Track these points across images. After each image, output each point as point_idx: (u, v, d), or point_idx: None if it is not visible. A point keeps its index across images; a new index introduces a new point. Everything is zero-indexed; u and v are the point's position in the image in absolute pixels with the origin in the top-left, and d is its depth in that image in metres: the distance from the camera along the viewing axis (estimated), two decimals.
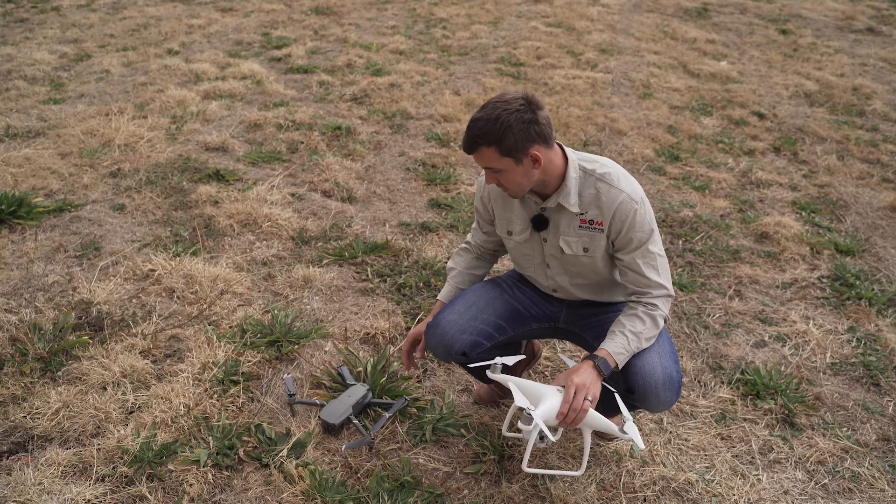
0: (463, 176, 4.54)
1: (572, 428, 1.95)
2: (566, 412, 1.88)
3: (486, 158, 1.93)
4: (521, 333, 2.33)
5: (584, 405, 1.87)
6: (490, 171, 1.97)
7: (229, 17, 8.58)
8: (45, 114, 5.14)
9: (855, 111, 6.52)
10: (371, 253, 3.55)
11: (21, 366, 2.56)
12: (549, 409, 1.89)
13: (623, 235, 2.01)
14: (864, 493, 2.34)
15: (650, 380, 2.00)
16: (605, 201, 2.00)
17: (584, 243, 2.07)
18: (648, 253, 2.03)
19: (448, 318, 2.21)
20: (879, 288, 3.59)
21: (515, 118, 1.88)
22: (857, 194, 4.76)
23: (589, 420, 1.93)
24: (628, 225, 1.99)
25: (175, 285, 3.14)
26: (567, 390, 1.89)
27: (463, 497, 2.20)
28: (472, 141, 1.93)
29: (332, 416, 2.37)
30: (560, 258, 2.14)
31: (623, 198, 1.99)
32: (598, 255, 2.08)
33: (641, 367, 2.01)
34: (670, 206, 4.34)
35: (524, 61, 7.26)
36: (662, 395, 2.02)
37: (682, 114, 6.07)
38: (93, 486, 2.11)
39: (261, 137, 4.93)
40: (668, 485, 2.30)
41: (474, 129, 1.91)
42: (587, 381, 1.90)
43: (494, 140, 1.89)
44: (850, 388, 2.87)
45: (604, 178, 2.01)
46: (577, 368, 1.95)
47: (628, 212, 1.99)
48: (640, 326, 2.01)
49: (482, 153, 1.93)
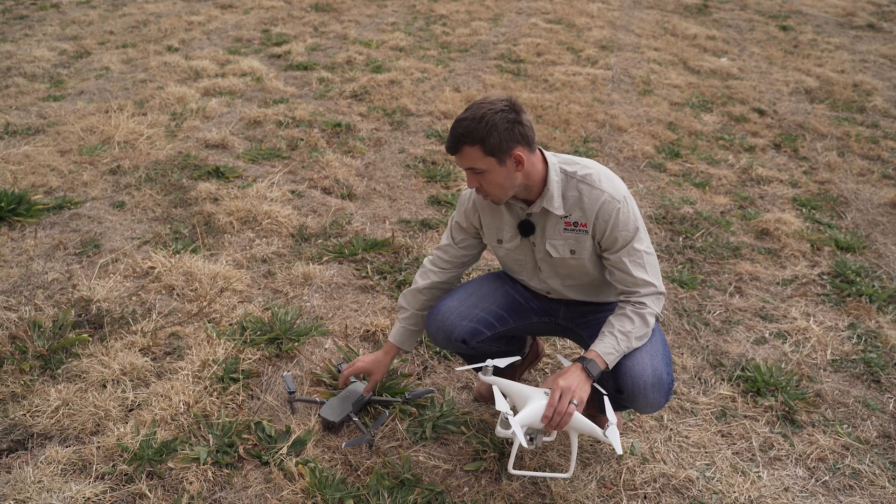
0: (463, 173, 4.54)
1: (558, 431, 1.95)
2: (551, 415, 1.88)
3: (470, 158, 1.93)
4: (523, 326, 2.33)
5: (568, 409, 1.87)
6: (472, 172, 1.96)
7: (229, 14, 8.56)
8: (44, 111, 5.14)
9: (855, 108, 6.51)
10: (371, 250, 3.55)
11: (21, 363, 2.55)
12: (533, 413, 1.90)
13: (608, 235, 2.01)
14: (864, 490, 2.33)
15: (639, 381, 2.00)
16: (588, 202, 2.00)
17: (570, 245, 2.07)
18: (635, 251, 2.02)
19: (449, 304, 2.21)
20: (880, 284, 3.59)
21: (500, 118, 1.88)
22: (858, 191, 4.76)
23: (574, 423, 1.93)
24: (612, 224, 1.99)
25: (175, 283, 3.14)
26: (552, 394, 1.90)
27: (463, 494, 2.19)
28: (455, 140, 1.92)
29: (332, 413, 2.37)
30: (550, 262, 2.14)
31: (605, 198, 1.99)
32: (585, 256, 2.08)
33: (631, 368, 2.01)
34: (670, 202, 4.33)
35: (524, 58, 7.24)
36: (651, 397, 2.01)
37: (682, 110, 6.06)
38: (92, 484, 2.11)
39: (260, 134, 4.92)
40: (669, 482, 2.30)
41: (458, 129, 1.91)
42: (573, 385, 1.90)
43: (479, 139, 1.89)
44: (850, 384, 2.87)
45: (585, 179, 2.01)
46: (564, 371, 1.95)
47: (611, 211, 1.98)
48: (628, 326, 2.00)
49: (465, 153, 1.92)
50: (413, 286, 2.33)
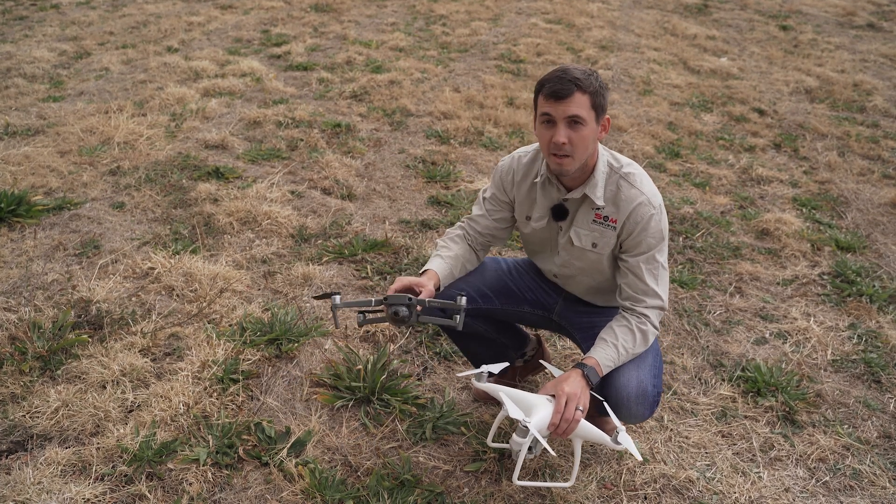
0: (463, 173, 4.53)
1: (563, 438, 1.94)
2: (558, 422, 1.86)
3: (578, 105, 1.90)
4: (512, 313, 2.32)
5: (575, 415, 1.86)
6: (572, 122, 1.91)
7: (229, 15, 8.56)
8: (44, 112, 5.13)
9: (856, 107, 6.51)
10: (371, 250, 3.54)
11: (20, 364, 2.55)
12: (542, 420, 1.87)
13: (634, 237, 2.01)
14: (865, 491, 2.33)
15: (622, 392, 1.99)
16: (624, 199, 2.00)
17: (593, 238, 2.07)
18: (654, 261, 2.02)
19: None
20: (880, 284, 3.59)
21: (602, 80, 1.94)
22: (858, 191, 4.75)
23: (580, 430, 1.92)
24: (641, 227, 1.99)
25: (174, 283, 3.14)
26: (558, 400, 1.87)
27: (463, 495, 2.19)
28: (570, 84, 1.88)
29: (399, 300, 1.93)
30: (569, 250, 2.13)
31: (642, 199, 1.99)
32: (605, 252, 2.07)
33: (616, 379, 2.00)
34: (671, 202, 4.33)
35: (524, 58, 7.24)
36: (634, 409, 2.01)
37: (682, 110, 6.06)
38: (92, 485, 2.11)
39: (260, 135, 4.92)
40: (669, 483, 2.30)
41: (575, 74, 1.90)
42: (577, 391, 1.88)
43: (591, 90, 1.90)
44: (851, 385, 2.87)
45: (627, 177, 2.02)
46: (566, 377, 1.93)
47: (644, 215, 1.98)
48: (630, 342, 2.00)
49: (575, 99, 1.89)
50: (456, 233, 2.24)
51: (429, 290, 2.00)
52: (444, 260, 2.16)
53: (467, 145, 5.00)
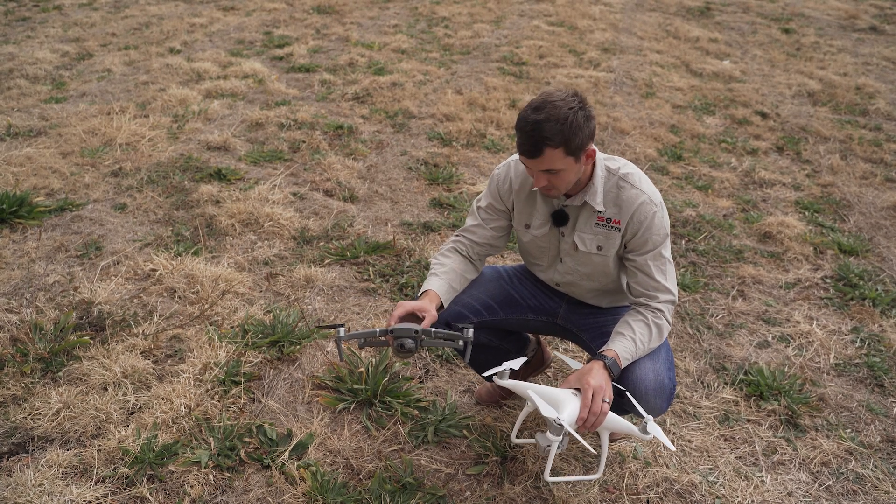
0: (465, 175, 4.53)
1: (591, 432, 1.93)
2: (586, 416, 1.84)
3: (550, 160, 1.87)
4: (516, 321, 2.31)
5: (602, 408, 1.85)
6: (545, 173, 1.91)
7: (231, 16, 8.57)
8: (46, 113, 5.14)
9: (858, 110, 6.50)
10: (373, 253, 3.54)
11: (22, 366, 2.55)
12: (572, 415, 1.84)
13: (639, 237, 2.01)
14: (868, 495, 2.32)
15: (640, 385, 1.98)
16: (625, 200, 2.01)
17: (598, 241, 2.07)
18: (661, 257, 2.04)
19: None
20: (883, 288, 3.58)
21: (580, 116, 1.84)
22: (861, 194, 4.75)
23: (607, 423, 1.90)
24: (646, 226, 2.00)
25: (176, 285, 3.14)
26: (585, 394, 1.85)
27: (465, 499, 2.19)
28: (539, 143, 1.84)
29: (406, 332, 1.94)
30: (574, 255, 2.13)
31: (644, 199, 2.00)
32: (610, 254, 2.07)
33: (633, 372, 2.00)
34: (673, 205, 4.32)
35: (526, 60, 7.24)
36: (652, 402, 2.00)
37: (684, 113, 6.06)
38: (93, 487, 2.11)
39: (262, 137, 4.92)
40: (672, 486, 2.29)
41: (542, 132, 1.82)
42: (602, 383, 1.86)
43: (563, 141, 1.83)
44: (854, 388, 2.86)
45: (626, 178, 2.02)
46: (589, 370, 1.90)
47: (648, 213, 1.99)
48: (646, 336, 2.00)
49: (547, 156, 1.86)
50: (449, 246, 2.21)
51: (432, 316, 1.99)
52: (440, 277, 2.14)
53: (469, 147, 4.99)
